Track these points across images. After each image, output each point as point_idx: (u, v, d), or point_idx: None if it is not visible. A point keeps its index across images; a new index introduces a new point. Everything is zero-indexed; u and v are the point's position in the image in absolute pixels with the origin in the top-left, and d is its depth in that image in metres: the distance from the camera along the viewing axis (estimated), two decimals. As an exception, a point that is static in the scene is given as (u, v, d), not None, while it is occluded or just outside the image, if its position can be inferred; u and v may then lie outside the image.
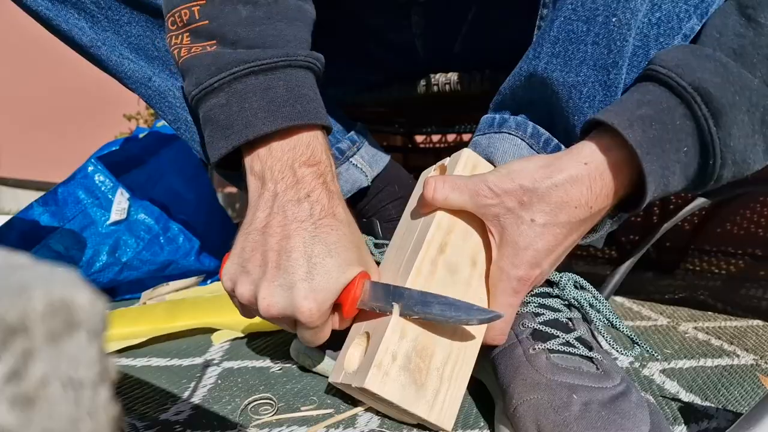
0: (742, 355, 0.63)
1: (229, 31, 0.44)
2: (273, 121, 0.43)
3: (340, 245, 0.42)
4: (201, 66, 0.44)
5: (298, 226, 0.42)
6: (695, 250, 1.17)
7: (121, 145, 0.97)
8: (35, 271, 0.14)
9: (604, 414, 0.37)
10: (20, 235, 0.83)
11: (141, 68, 0.57)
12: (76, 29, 0.55)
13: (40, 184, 2.82)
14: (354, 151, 0.64)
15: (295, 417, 0.46)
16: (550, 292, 0.48)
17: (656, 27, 0.44)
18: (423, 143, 1.59)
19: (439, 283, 0.43)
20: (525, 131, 0.49)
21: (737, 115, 0.39)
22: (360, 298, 0.43)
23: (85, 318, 0.14)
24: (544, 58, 0.46)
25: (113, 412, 0.15)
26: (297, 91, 0.44)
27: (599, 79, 0.44)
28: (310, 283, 0.41)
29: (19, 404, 0.12)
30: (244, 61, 0.43)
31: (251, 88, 0.43)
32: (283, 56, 0.44)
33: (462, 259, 0.44)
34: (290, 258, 0.41)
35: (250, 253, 0.43)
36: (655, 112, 0.39)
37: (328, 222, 0.43)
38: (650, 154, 0.38)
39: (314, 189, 0.43)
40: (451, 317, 0.40)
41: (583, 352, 0.43)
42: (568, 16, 0.45)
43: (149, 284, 0.88)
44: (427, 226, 0.44)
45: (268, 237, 0.42)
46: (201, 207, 0.99)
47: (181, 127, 0.59)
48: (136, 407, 0.48)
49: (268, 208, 0.43)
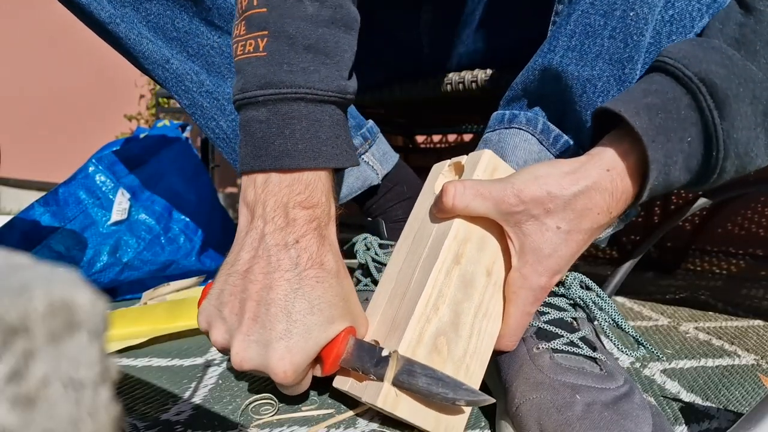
0: (743, 355, 0.62)
1: (290, 24, 0.41)
2: (315, 158, 0.41)
3: (323, 300, 0.40)
4: (251, 73, 0.41)
5: (280, 276, 0.39)
6: (696, 251, 1.17)
7: (122, 145, 0.97)
8: (36, 271, 0.14)
9: (606, 415, 0.37)
10: (21, 236, 0.84)
11: (159, 49, 0.55)
12: (95, 3, 0.53)
13: (41, 184, 2.82)
14: (366, 149, 0.63)
15: (296, 417, 0.46)
16: (556, 291, 0.47)
17: (669, 24, 0.44)
18: (424, 143, 1.59)
19: (452, 300, 0.41)
20: (536, 127, 0.48)
21: (741, 106, 0.39)
22: (343, 357, 0.41)
23: (86, 318, 0.14)
24: (559, 51, 0.46)
25: (114, 413, 0.15)
26: (337, 132, 0.42)
27: (614, 73, 0.44)
28: (287, 342, 0.39)
29: (19, 404, 0.12)
30: (298, 85, 0.40)
31: (297, 115, 0.41)
32: (336, 90, 0.42)
33: (477, 268, 0.43)
34: (269, 312, 0.39)
35: (228, 298, 0.41)
36: (661, 101, 0.39)
37: (314, 273, 0.40)
38: (655, 141, 0.38)
39: (304, 235, 0.40)
40: (437, 393, 0.38)
41: (587, 353, 0.43)
42: (585, 9, 0.44)
43: (150, 284, 0.88)
44: (443, 235, 0.42)
45: (249, 284, 0.40)
46: (202, 207, 0.99)
47: (196, 113, 0.58)
48: (137, 407, 0.48)
49: (253, 249, 0.40)
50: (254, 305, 0.39)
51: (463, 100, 0.83)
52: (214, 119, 0.57)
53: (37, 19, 2.65)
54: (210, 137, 0.59)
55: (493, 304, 0.43)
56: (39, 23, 2.62)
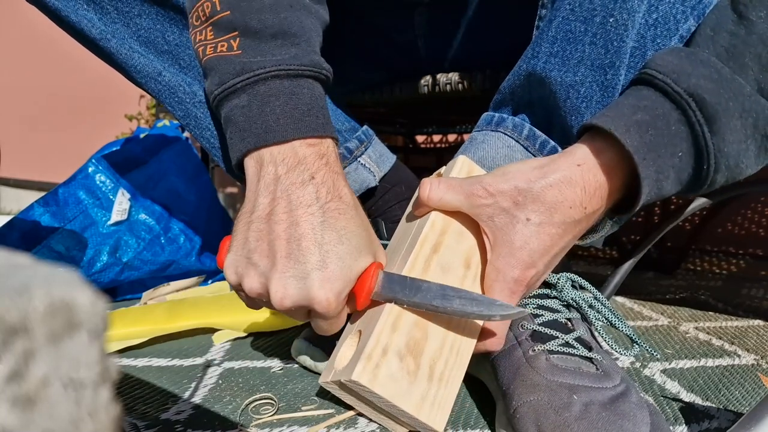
0: (743, 355, 0.62)
1: (252, 19, 0.43)
2: (297, 128, 0.42)
3: (348, 230, 0.41)
4: (225, 66, 0.43)
5: (304, 212, 0.40)
6: (696, 250, 1.17)
7: (122, 145, 0.97)
8: (36, 271, 0.14)
9: (604, 415, 0.37)
10: (21, 236, 0.84)
11: (151, 62, 0.56)
12: (85, 21, 0.54)
13: (41, 184, 2.82)
14: (362, 151, 0.64)
15: (296, 417, 0.46)
16: (548, 293, 0.48)
17: (653, 28, 0.44)
18: (424, 143, 1.59)
19: (432, 280, 0.42)
20: (521, 133, 0.48)
21: (730, 120, 0.40)
22: (375, 290, 0.42)
23: (86, 318, 0.14)
24: (542, 57, 0.46)
25: (114, 413, 0.15)
26: (318, 103, 0.44)
27: (597, 79, 0.44)
28: (323, 272, 0.39)
29: (20, 405, 0.12)
30: (271, 64, 0.42)
31: (274, 92, 0.42)
32: (309, 65, 0.43)
33: (455, 260, 0.44)
34: (300, 246, 0.39)
35: (255, 243, 0.41)
36: (651, 117, 0.40)
37: (335, 206, 0.41)
38: (646, 159, 0.39)
39: (318, 170, 0.41)
40: (472, 312, 0.39)
41: (583, 353, 0.43)
42: (566, 16, 0.45)
43: (150, 284, 0.88)
44: (421, 227, 0.44)
45: (274, 225, 0.40)
46: (202, 207, 0.99)
47: (190, 124, 0.58)
48: (137, 407, 0.48)
49: (270, 193, 0.41)
50: (284, 243, 0.40)
51: (463, 100, 0.83)
52: (209, 129, 0.58)
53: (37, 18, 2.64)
54: (205, 147, 0.60)
55: None
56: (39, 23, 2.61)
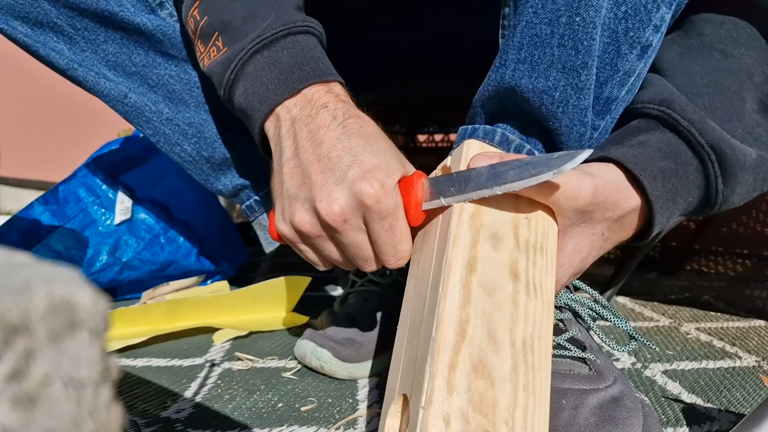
0: (744, 356, 0.62)
1: (224, 14, 0.45)
2: (285, 88, 0.42)
3: (375, 137, 0.41)
4: (218, 68, 0.46)
5: (325, 131, 0.40)
6: (699, 251, 1.17)
7: (122, 144, 0.97)
8: (37, 270, 0.14)
9: (593, 421, 0.37)
10: (21, 235, 0.83)
11: (117, 85, 0.59)
12: (53, 53, 0.57)
13: (40, 183, 2.82)
14: None
15: (296, 416, 0.46)
16: None
17: (624, 21, 0.43)
18: (425, 143, 1.59)
19: (479, 310, 0.33)
20: (492, 139, 0.47)
21: (744, 175, 0.43)
22: (423, 199, 0.40)
23: (87, 317, 0.14)
24: (510, 65, 0.44)
25: (115, 412, 0.15)
26: (302, 55, 0.44)
27: (570, 81, 0.43)
28: (361, 167, 0.38)
29: (20, 404, 0.12)
30: (248, 42, 0.44)
31: (260, 66, 0.44)
32: (280, 26, 0.44)
33: (499, 273, 0.35)
34: (330, 157, 0.39)
35: (291, 182, 0.41)
36: (675, 165, 0.42)
37: (355, 121, 0.41)
38: (663, 207, 0.41)
39: (328, 102, 0.42)
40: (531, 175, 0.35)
41: (575, 353, 0.43)
42: (530, 19, 0.43)
43: (150, 284, 0.88)
44: (443, 248, 0.36)
45: (301, 155, 0.40)
46: (201, 207, 0.99)
47: (160, 141, 0.61)
48: (137, 405, 0.48)
49: (291, 135, 0.42)
50: (315, 164, 0.40)
51: (462, 99, 0.83)
52: (178, 144, 0.61)
53: (37, 18, 2.64)
54: (177, 162, 0.62)
55: (532, 311, 0.35)
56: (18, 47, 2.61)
